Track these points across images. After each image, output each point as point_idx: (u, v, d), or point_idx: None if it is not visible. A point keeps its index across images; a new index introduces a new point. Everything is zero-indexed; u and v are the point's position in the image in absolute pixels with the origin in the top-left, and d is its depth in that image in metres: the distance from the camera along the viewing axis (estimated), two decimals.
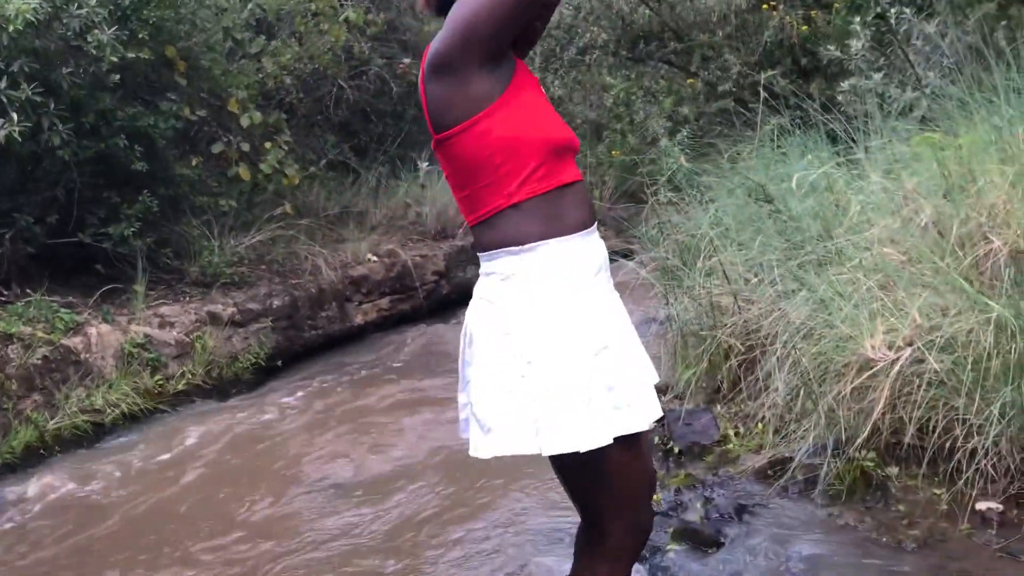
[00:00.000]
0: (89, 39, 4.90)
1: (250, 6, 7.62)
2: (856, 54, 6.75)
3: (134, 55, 5.10)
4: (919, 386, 2.63)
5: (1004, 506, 2.52)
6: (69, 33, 4.91)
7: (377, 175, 8.84)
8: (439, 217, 8.15)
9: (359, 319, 6.88)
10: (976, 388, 2.47)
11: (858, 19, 6.97)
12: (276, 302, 6.15)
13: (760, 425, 3.27)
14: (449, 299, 7.55)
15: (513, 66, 1.70)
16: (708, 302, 3.73)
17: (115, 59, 4.94)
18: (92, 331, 5.12)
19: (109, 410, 4.86)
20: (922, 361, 2.61)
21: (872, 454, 2.81)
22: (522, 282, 1.71)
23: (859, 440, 2.71)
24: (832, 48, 6.93)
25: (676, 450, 3.41)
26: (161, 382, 5.25)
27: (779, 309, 3.28)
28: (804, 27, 11.15)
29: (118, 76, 5.13)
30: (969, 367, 2.50)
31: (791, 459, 2.96)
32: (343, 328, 6.72)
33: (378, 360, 6.11)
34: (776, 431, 3.16)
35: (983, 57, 6.15)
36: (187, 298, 5.90)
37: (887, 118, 4.91)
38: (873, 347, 2.64)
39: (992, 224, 2.76)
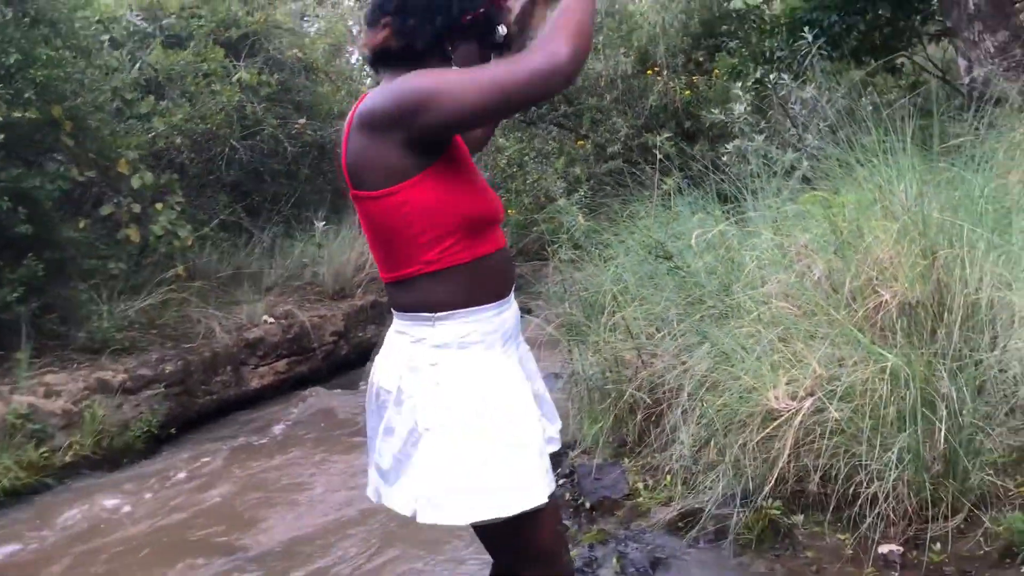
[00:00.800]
0: None
1: (138, 65, 7.48)
2: (739, 117, 7.08)
3: (19, 114, 4.92)
4: (821, 434, 2.72)
5: (904, 548, 2.62)
6: None
7: (271, 235, 8.70)
8: (337, 276, 8.05)
9: (255, 383, 6.70)
10: (875, 435, 2.58)
11: (739, 84, 7.34)
12: (168, 367, 5.93)
13: (669, 477, 3.32)
14: (348, 360, 7.44)
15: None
16: (613, 357, 3.79)
17: None
18: None
19: None
20: (823, 410, 2.71)
21: (778, 503, 2.88)
22: (430, 349, 1.71)
23: (766, 489, 2.77)
24: (716, 111, 7.26)
25: (587, 505, 3.42)
26: (47, 454, 4.97)
27: (682, 362, 3.36)
28: (687, 92, 11.64)
29: (1, 136, 4.93)
30: (867, 415, 2.60)
31: (701, 510, 3.00)
32: (239, 392, 6.53)
33: (275, 425, 5.95)
34: (684, 483, 3.21)
35: (855, 120, 6.55)
36: (74, 365, 5.63)
37: (772, 178, 5.15)
38: (776, 398, 2.73)
39: (881, 278, 2.91)
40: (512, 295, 1.84)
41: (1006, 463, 2.75)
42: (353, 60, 13.95)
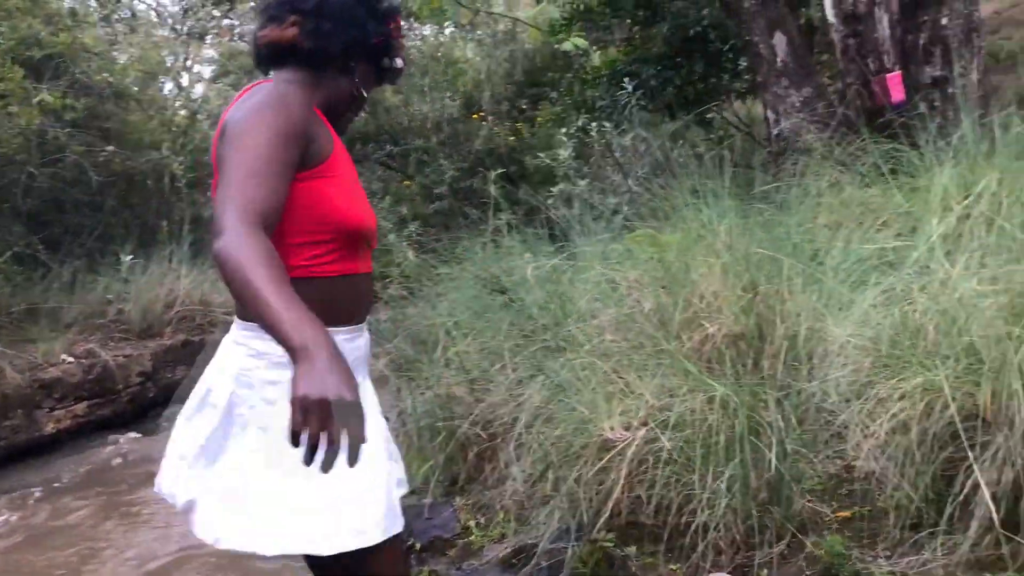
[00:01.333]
0: None
1: None
2: (564, 162, 7.27)
3: None
4: (654, 464, 2.74)
5: (733, 575, 2.66)
6: None
7: (72, 269, 8.08)
8: (145, 314, 7.56)
9: (50, 427, 6.14)
10: (706, 464, 2.62)
11: (563, 131, 7.54)
12: None
13: (502, 514, 3.26)
14: (156, 402, 6.98)
15: (321, 148, 1.59)
16: (445, 393, 3.71)
17: None
18: None
19: None
20: (655, 440, 2.73)
21: (612, 535, 2.87)
22: (270, 366, 1.59)
23: (600, 522, 2.76)
24: (542, 156, 7.43)
25: (417, 546, 3.31)
26: None
27: (517, 396, 3.33)
28: (512, 137, 11.88)
29: None
30: (698, 444, 2.65)
31: (535, 546, 2.95)
32: (31, 438, 5.96)
33: (69, 474, 5.46)
34: (518, 519, 3.16)
35: (672, 167, 6.86)
36: None
37: (597, 219, 5.28)
38: (611, 428, 2.74)
39: (707, 311, 3.00)
40: (366, 326, 1.75)
41: (824, 489, 2.87)
42: (167, 90, 13.37)
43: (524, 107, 13.11)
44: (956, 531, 2.39)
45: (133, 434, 6.18)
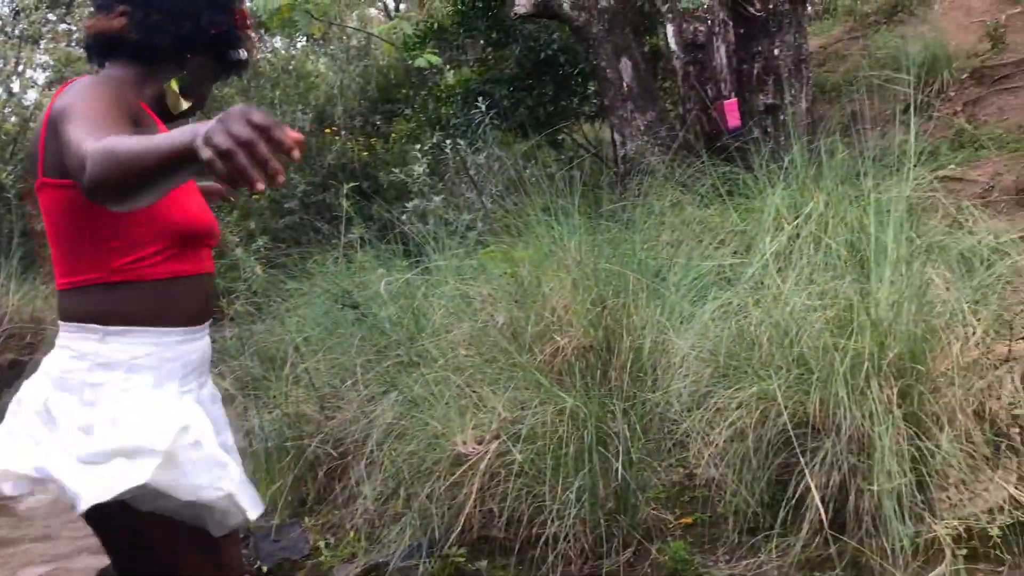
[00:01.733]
0: None
1: None
2: (418, 178, 7.28)
3: None
4: (506, 477, 2.76)
5: None
6: None
7: None
8: None
9: None
10: (556, 475, 2.67)
11: (417, 148, 7.55)
12: None
13: (352, 533, 3.20)
14: None
15: (157, 131, 1.52)
16: (294, 412, 3.62)
17: None
18: None
19: None
20: (508, 453, 2.76)
21: (463, 550, 2.88)
22: (93, 368, 1.51)
23: (452, 537, 2.76)
24: (396, 171, 7.41)
25: (264, 569, 3.21)
26: None
27: (368, 413, 3.29)
28: (365, 153, 11.79)
29: None
30: (549, 455, 2.69)
31: (386, 564, 2.92)
32: None
33: None
34: (369, 537, 3.12)
35: (524, 186, 6.97)
36: None
37: (451, 235, 5.31)
38: (463, 442, 2.75)
39: (558, 325, 3.06)
40: (207, 328, 1.67)
41: (668, 496, 2.97)
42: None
43: (378, 122, 13.03)
44: (789, 533, 2.52)
45: None
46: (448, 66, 8.30)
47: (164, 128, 1.59)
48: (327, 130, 11.75)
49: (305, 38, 15.19)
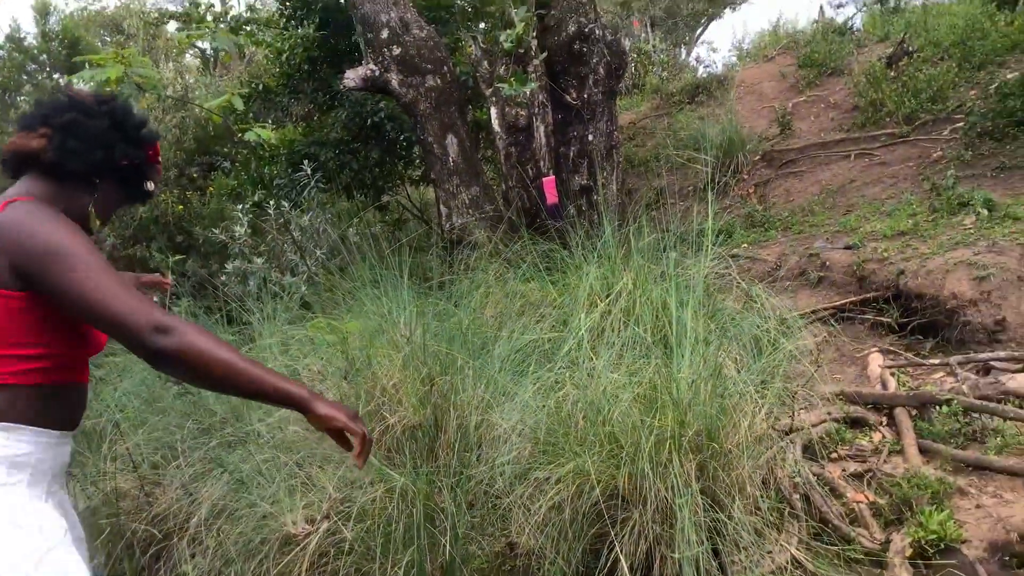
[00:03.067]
0: None
1: None
2: (239, 239, 7.20)
3: None
4: (335, 555, 2.83)
5: None
6: None
7: None
8: None
9: None
10: (386, 552, 2.76)
11: (239, 207, 7.46)
12: None
13: None
14: None
15: None
16: (112, 488, 3.52)
17: None
18: None
19: None
20: (338, 532, 2.83)
21: None
22: (7, 463, 1.60)
23: None
24: (216, 231, 7.29)
25: None
26: None
27: (192, 491, 3.26)
28: (180, 207, 11.47)
29: None
30: (379, 532, 2.78)
31: None
32: None
33: None
34: None
35: (349, 249, 7.07)
36: None
37: (273, 299, 5.32)
38: (294, 522, 2.79)
39: (388, 402, 3.18)
40: (72, 435, 1.74)
41: (490, 568, 3.12)
42: None
43: (194, 175, 12.70)
44: None
45: None
46: (271, 125, 8.29)
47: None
48: None
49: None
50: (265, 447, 3.13)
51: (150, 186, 1.89)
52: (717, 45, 37.57)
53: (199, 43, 17.03)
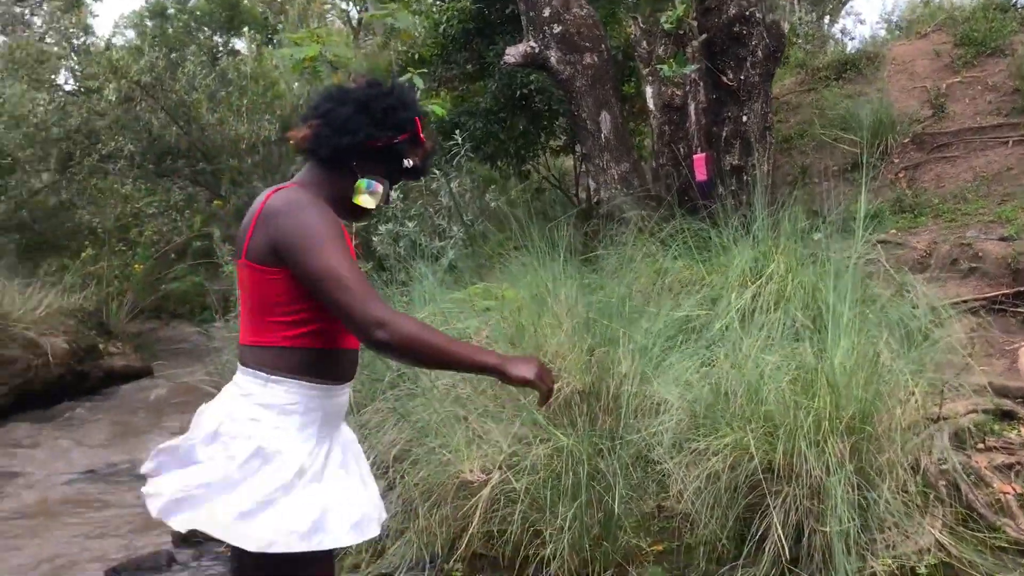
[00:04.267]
0: None
1: None
2: (392, 202, 7.58)
3: None
4: (505, 503, 3.13)
5: None
6: None
7: None
8: None
9: None
10: (554, 505, 3.04)
11: None
12: None
13: (355, 546, 3.51)
14: None
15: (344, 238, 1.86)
16: None
17: None
18: None
19: None
20: (508, 482, 3.12)
21: (460, 565, 3.22)
22: (254, 407, 1.86)
23: (459, 552, 3.11)
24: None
25: None
26: None
27: (366, 437, 3.61)
28: None
29: None
30: (546, 487, 3.06)
31: (391, 575, 3.25)
32: None
33: None
34: (373, 550, 3.43)
35: (495, 216, 7.35)
36: None
37: (427, 260, 5.66)
38: (471, 470, 3.10)
39: (554, 368, 3.43)
40: (348, 386, 2.02)
41: (642, 525, 3.36)
42: None
43: None
44: (751, 565, 2.93)
45: None
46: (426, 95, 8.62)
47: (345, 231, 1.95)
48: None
49: (270, 44, 15.32)
50: (443, 401, 3.44)
51: (409, 163, 1.98)
52: (864, 16, 35.57)
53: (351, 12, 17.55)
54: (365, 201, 1.96)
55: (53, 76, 13.36)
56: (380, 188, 1.98)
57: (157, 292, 11.18)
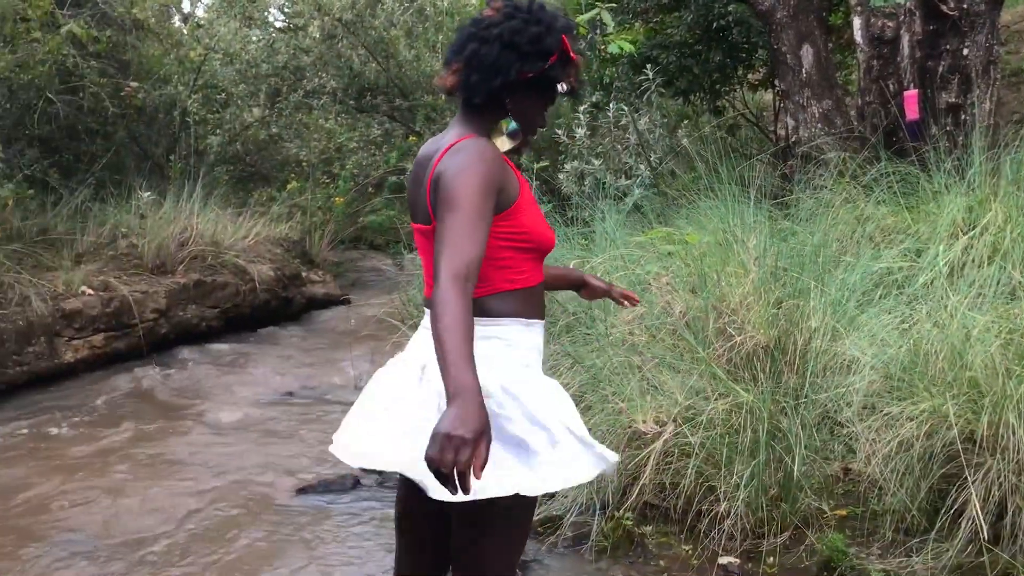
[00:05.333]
0: None
1: None
2: (579, 140, 7.48)
3: None
4: (679, 457, 3.05)
5: (740, 560, 3.00)
6: None
7: (81, 197, 8.16)
8: (159, 251, 7.71)
9: (69, 356, 6.35)
10: (729, 461, 2.94)
11: (581, 108, 7.72)
12: None
13: None
14: (167, 339, 7.19)
15: (509, 191, 1.83)
16: None
17: None
18: None
19: None
20: (681, 435, 3.04)
21: (630, 514, 3.19)
22: (481, 340, 1.79)
23: (628, 502, 3.07)
24: (559, 131, 7.62)
25: None
26: None
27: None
28: None
29: None
30: (723, 443, 2.96)
31: (561, 517, 3.27)
32: (51, 365, 6.17)
33: (98, 402, 5.70)
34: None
35: (684, 156, 7.10)
36: None
37: (610, 201, 5.56)
38: (644, 421, 3.04)
39: (736, 322, 3.30)
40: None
41: (823, 488, 3.20)
42: (179, 22, 13.30)
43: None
44: (944, 540, 2.73)
45: (151, 368, 6.41)
46: (616, 28, 8.40)
47: (513, 166, 1.91)
48: None
49: None
50: (620, 348, 3.39)
51: (562, 87, 1.90)
52: None
53: None
54: (503, 144, 1.92)
55: (264, 13, 14.06)
56: (519, 136, 1.94)
57: (355, 224, 11.68)
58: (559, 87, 1.90)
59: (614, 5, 5.91)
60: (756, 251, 3.53)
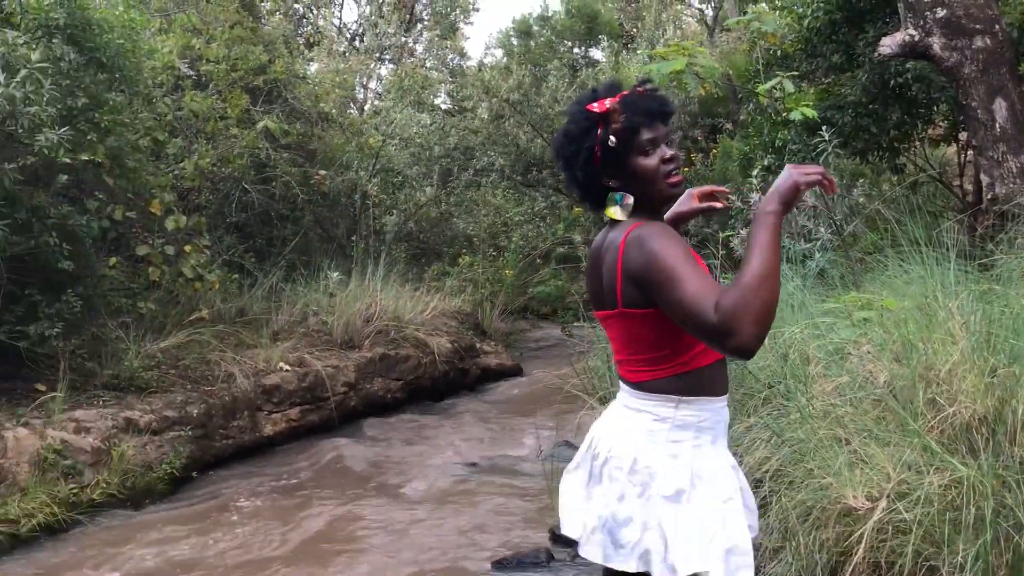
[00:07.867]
0: (39, 138, 4.80)
1: (175, 109, 7.59)
2: (753, 206, 7.39)
3: (87, 157, 5.02)
4: (893, 534, 2.92)
5: None
6: (19, 130, 4.80)
7: (274, 279, 8.74)
8: (347, 327, 8.14)
9: (269, 429, 6.76)
10: (955, 540, 2.78)
11: (754, 171, 7.65)
12: (193, 410, 5.99)
13: None
14: (356, 411, 7.53)
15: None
16: None
17: (66, 160, 4.86)
18: (8, 435, 4.85)
19: (24, 520, 4.60)
20: (894, 511, 2.91)
21: None
22: (672, 429, 1.92)
23: None
24: (733, 198, 7.57)
25: None
26: (76, 491, 5.00)
27: (738, 453, 3.55)
28: (686, 168, 12.02)
29: (65, 177, 5.02)
30: (944, 521, 2.81)
31: None
32: (253, 438, 6.59)
33: (299, 474, 6.02)
34: None
35: (871, 219, 6.88)
36: (101, 402, 5.67)
37: (792, 265, 5.44)
38: (854, 496, 2.93)
39: (946, 391, 3.15)
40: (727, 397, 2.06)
41: None
42: (354, 111, 14.18)
43: (697, 137, 13.24)
44: None
45: (343, 440, 6.72)
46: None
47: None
48: None
49: (626, 50, 15.69)
50: (823, 421, 3.30)
51: (612, 141, 1.91)
52: None
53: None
54: (616, 213, 1.97)
55: (434, 98, 14.79)
56: (630, 200, 1.96)
57: (524, 295, 11.94)
58: (609, 141, 1.92)
59: (796, 74, 5.86)
60: (961, 315, 3.37)
